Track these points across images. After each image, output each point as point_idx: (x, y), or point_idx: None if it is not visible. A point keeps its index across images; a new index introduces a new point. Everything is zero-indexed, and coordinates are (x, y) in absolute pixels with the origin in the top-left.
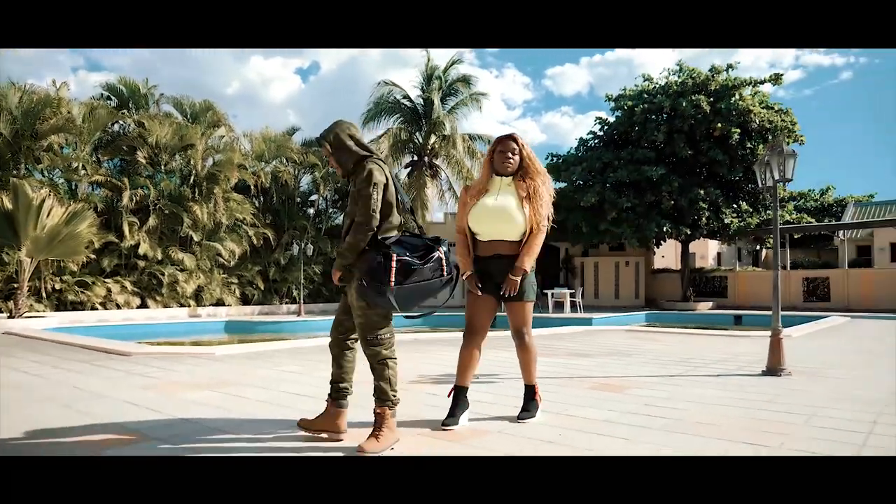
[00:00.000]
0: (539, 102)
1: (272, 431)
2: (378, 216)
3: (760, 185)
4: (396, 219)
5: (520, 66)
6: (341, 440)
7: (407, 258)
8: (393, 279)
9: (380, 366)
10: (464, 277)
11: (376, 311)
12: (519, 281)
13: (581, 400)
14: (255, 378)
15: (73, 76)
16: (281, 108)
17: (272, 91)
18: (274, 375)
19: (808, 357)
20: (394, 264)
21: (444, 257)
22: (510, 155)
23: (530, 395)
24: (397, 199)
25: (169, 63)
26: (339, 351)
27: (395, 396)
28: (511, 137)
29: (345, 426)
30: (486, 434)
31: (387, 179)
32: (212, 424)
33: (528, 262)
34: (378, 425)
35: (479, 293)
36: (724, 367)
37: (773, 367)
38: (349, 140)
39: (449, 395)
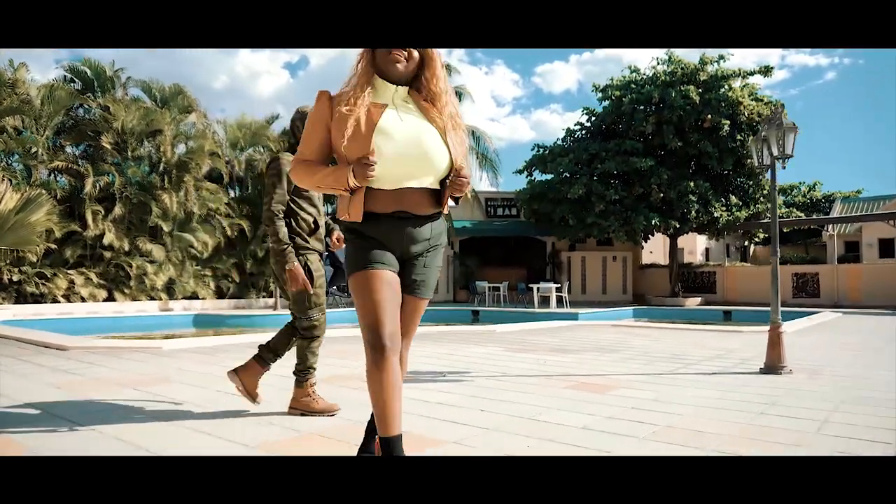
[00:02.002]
0: (528, 99)
1: (157, 435)
2: None
3: (757, 164)
4: None
5: (509, 64)
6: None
7: None
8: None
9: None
10: (358, 180)
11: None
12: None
13: (558, 402)
14: (190, 375)
15: (55, 68)
16: (269, 103)
17: (260, 85)
18: (214, 372)
19: (805, 354)
20: None
21: None
22: (403, 50)
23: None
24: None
25: (155, 57)
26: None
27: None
28: None
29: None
30: (442, 444)
31: None
32: (101, 428)
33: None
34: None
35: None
36: (718, 365)
37: (773, 365)
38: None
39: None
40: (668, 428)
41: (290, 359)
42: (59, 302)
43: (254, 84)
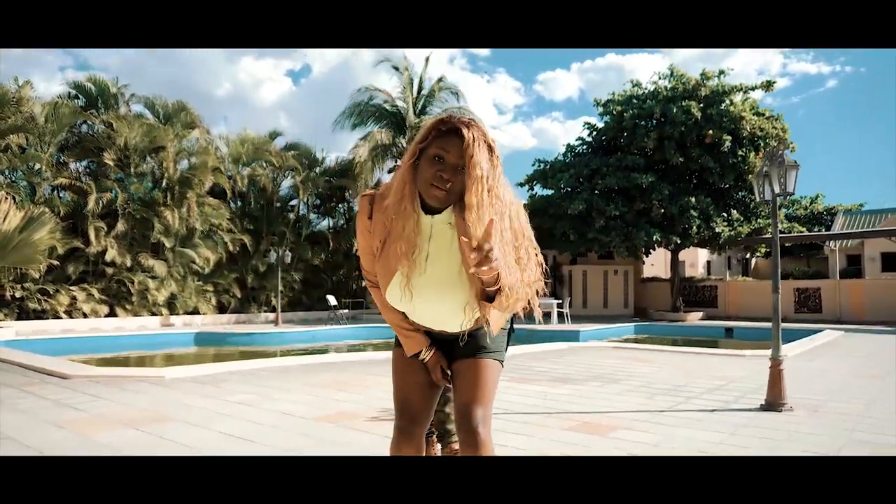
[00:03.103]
0: (530, 107)
1: None
2: None
3: (758, 199)
4: None
5: (511, 71)
6: None
7: None
8: None
9: None
10: (424, 359)
11: None
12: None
13: (558, 446)
14: (193, 412)
15: (59, 75)
16: (272, 111)
17: (263, 93)
18: (217, 408)
19: (808, 384)
20: None
21: None
22: (446, 173)
23: None
24: None
25: (158, 63)
26: None
27: None
28: (457, 131)
29: None
30: None
31: None
32: None
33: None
34: None
35: (446, 382)
36: (719, 399)
37: (773, 402)
38: None
39: None
40: None
41: (295, 392)
42: (61, 318)
43: (256, 92)
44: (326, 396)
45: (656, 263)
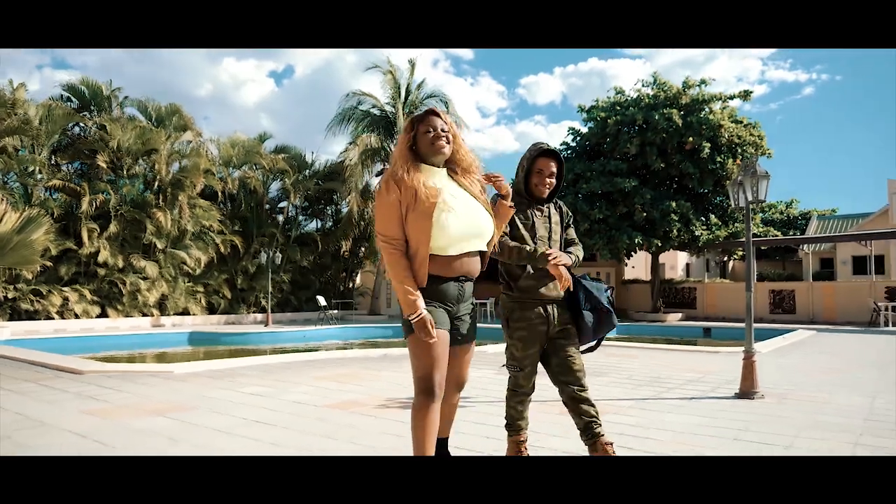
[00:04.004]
0: (513, 111)
1: None
2: None
3: (733, 205)
4: None
5: (494, 75)
6: None
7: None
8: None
9: None
10: (414, 319)
11: None
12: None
13: (548, 427)
14: (213, 401)
15: (37, 73)
16: (253, 112)
17: (244, 94)
18: (234, 398)
19: (778, 377)
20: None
21: None
22: (442, 132)
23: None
24: None
25: (137, 62)
26: None
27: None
28: (435, 113)
29: None
30: None
31: None
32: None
33: None
34: None
35: (433, 338)
36: (696, 389)
37: (746, 391)
38: None
39: None
40: (649, 454)
41: (303, 384)
42: (53, 318)
43: (238, 93)
44: (333, 388)
45: (637, 266)
